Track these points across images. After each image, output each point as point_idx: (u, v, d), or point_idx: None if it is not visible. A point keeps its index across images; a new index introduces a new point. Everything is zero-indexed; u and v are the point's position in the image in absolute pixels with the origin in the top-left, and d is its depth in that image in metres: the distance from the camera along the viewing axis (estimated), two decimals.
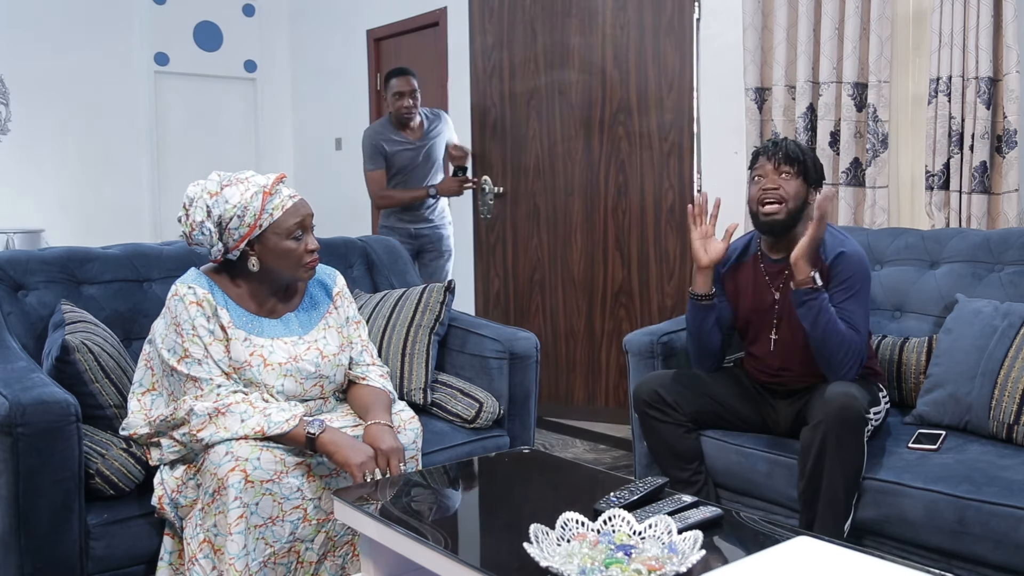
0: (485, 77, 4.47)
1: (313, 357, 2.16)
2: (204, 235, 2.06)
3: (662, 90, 3.99)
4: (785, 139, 2.47)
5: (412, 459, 2.20)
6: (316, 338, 2.20)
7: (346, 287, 2.36)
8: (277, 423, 1.99)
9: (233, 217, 2.04)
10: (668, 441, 2.48)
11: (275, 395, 2.10)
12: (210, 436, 1.98)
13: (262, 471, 1.94)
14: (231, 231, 2.05)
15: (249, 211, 2.05)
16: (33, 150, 5.78)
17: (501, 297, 4.52)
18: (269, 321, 2.16)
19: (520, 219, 4.41)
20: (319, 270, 2.29)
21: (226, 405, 2.00)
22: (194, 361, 2.04)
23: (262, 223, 2.06)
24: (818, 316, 2.25)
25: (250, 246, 2.08)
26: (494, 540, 1.71)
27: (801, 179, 2.39)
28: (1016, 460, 2.13)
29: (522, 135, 4.38)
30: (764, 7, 3.47)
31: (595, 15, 4.14)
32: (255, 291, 2.16)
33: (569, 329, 4.33)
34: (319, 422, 2.01)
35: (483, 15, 4.44)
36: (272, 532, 1.95)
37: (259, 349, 2.10)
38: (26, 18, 5.74)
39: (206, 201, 2.06)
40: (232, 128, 6.60)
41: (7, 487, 1.90)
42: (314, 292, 2.28)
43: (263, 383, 2.09)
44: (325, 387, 2.20)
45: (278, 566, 1.97)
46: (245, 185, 2.07)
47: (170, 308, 2.08)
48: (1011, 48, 2.84)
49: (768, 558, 1.48)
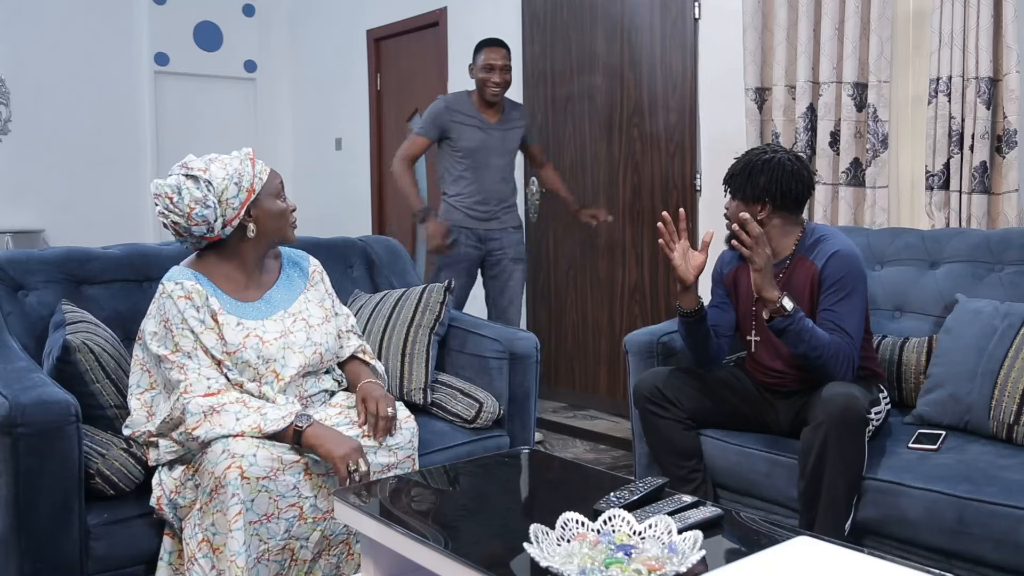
0: (533, 83, 4.66)
1: (301, 327, 2.23)
2: (205, 214, 2.08)
3: (668, 91, 4.03)
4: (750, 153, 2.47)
5: (408, 459, 2.21)
6: (299, 310, 2.27)
7: (322, 268, 2.42)
8: (273, 420, 2.02)
9: (229, 186, 2.10)
10: (667, 437, 2.48)
11: (279, 372, 2.14)
12: (205, 433, 1.99)
13: (258, 468, 1.94)
14: (228, 202, 2.11)
15: (245, 177, 2.13)
16: (33, 150, 5.78)
17: (545, 292, 4.72)
18: (254, 304, 2.21)
19: (559, 218, 4.55)
20: (292, 252, 2.38)
21: (220, 404, 2.02)
22: (184, 355, 2.06)
23: (256, 187, 2.14)
24: (798, 338, 2.26)
25: (247, 213, 2.15)
26: (494, 540, 1.71)
27: (739, 199, 2.42)
28: (1016, 460, 2.13)
29: (560, 137, 4.56)
30: (764, 7, 3.47)
31: (616, 21, 4.24)
32: (242, 266, 2.20)
33: (595, 323, 4.46)
34: (307, 417, 2.06)
35: (532, 26, 4.64)
36: (267, 529, 1.95)
37: (253, 331, 2.15)
38: (26, 18, 5.75)
39: (192, 185, 2.08)
40: (232, 128, 6.60)
41: (7, 487, 1.90)
42: (289, 271, 2.34)
43: (268, 359, 2.13)
44: (324, 354, 2.25)
45: (271, 563, 1.97)
46: (226, 159, 2.14)
47: (158, 306, 2.11)
48: (1011, 48, 2.84)
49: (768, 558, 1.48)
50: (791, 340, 2.28)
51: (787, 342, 2.31)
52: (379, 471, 2.13)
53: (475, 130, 3.83)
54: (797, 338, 2.26)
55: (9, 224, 5.60)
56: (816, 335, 2.26)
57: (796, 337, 2.26)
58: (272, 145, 6.70)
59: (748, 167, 2.42)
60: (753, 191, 2.40)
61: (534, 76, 4.64)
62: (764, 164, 2.40)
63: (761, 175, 2.39)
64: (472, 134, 3.82)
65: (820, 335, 2.27)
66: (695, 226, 3.95)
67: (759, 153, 2.44)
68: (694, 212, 3.95)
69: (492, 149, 3.86)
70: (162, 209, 2.10)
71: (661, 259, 4.11)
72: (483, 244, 3.90)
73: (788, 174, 2.39)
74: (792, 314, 2.25)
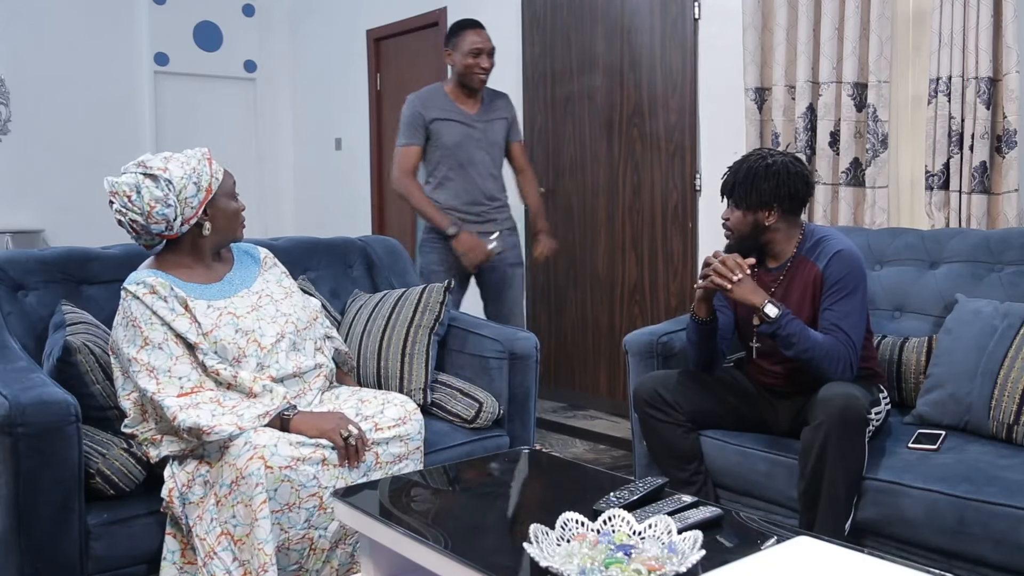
0: (533, 83, 4.65)
1: (267, 302, 2.30)
2: (166, 213, 2.11)
3: (668, 91, 4.03)
4: (744, 161, 2.44)
5: (417, 450, 2.25)
6: (260, 289, 2.33)
7: (273, 256, 2.48)
8: (250, 418, 2.04)
9: (188, 185, 2.13)
10: (668, 441, 2.48)
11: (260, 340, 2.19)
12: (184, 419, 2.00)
13: (280, 458, 1.98)
14: (188, 201, 2.14)
15: (203, 176, 2.16)
16: (33, 150, 5.78)
17: (545, 289, 4.70)
18: (217, 286, 2.26)
19: (559, 216, 4.55)
20: (242, 244, 2.43)
21: (196, 403, 2.04)
22: (154, 347, 2.08)
23: (213, 187, 2.18)
24: (788, 341, 2.26)
25: (204, 212, 2.19)
26: (494, 540, 1.71)
27: (739, 209, 2.41)
28: (1016, 460, 2.13)
29: (560, 137, 4.55)
30: (764, 7, 3.47)
31: (616, 21, 4.24)
32: (199, 259, 2.25)
33: (595, 323, 4.46)
34: (292, 408, 2.13)
35: (532, 27, 4.64)
36: (288, 519, 1.98)
37: (224, 309, 2.20)
38: (26, 18, 5.75)
39: (152, 184, 2.09)
40: (232, 128, 6.60)
41: (7, 487, 1.90)
42: (241, 258, 2.39)
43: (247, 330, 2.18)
44: (297, 324, 2.30)
45: (291, 551, 2.01)
46: (183, 158, 2.17)
47: (123, 310, 2.13)
48: (1011, 48, 2.84)
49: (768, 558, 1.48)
50: (781, 343, 2.29)
51: (782, 347, 2.31)
52: (391, 461, 2.18)
53: (454, 124, 3.50)
54: (787, 341, 2.27)
55: (9, 224, 5.59)
56: (808, 336, 2.26)
57: (786, 340, 2.27)
58: (272, 145, 6.71)
59: (751, 174, 2.38)
60: (760, 197, 2.38)
61: (534, 76, 4.65)
62: (767, 169, 2.38)
63: (765, 180, 2.37)
64: (452, 129, 3.49)
65: (812, 336, 2.27)
66: (695, 226, 3.95)
67: (757, 159, 2.42)
68: (694, 212, 3.95)
69: (475, 143, 3.53)
70: (119, 207, 2.12)
71: (661, 259, 4.11)
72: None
73: (793, 176, 2.38)
74: (777, 319, 2.25)
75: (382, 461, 2.16)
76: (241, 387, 2.11)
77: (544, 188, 4.45)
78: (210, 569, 1.97)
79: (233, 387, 2.11)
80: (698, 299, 2.46)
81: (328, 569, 2.08)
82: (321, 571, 2.07)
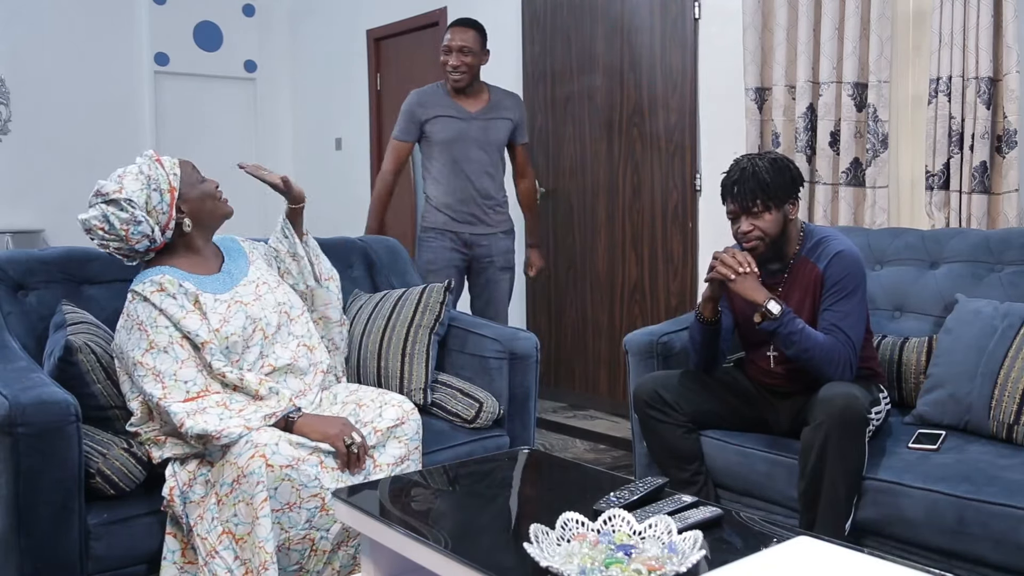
0: (533, 83, 4.65)
1: (266, 291, 2.31)
2: (140, 230, 2.12)
3: (668, 91, 4.03)
4: (742, 171, 2.37)
5: (416, 450, 2.25)
6: (256, 277, 2.34)
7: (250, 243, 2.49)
8: (256, 420, 2.04)
9: (151, 195, 2.14)
10: (668, 441, 2.48)
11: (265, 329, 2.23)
12: (191, 426, 2.00)
13: (281, 456, 1.98)
14: (157, 209, 2.15)
15: (161, 180, 2.16)
16: (33, 150, 5.78)
17: (545, 292, 4.70)
18: (218, 277, 2.27)
19: (559, 216, 4.56)
20: (221, 239, 2.41)
21: (202, 408, 2.03)
22: (159, 350, 2.07)
23: (175, 183, 2.18)
24: (788, 339, 2.26)
25: (178, 211, 2.19)
26: (494, 540, 1.71)
27: (772, 210, 2.36)
28: (1016, 460, 2.13)
29: (560, 137, 4.55)
30: (764, 7, 3.47)
31: (616, 21, 4.23)
32: (194, 254, 2.26)
33: (595, 323, 4.46)
34: (297, 409, 2.13)
35: (532, 26, 4.64)
36: (288, 518, 1.98)
37: (231, 300, 2.22)
38: (26, 18, 5.75)
39: (116, 209, 2.10)
40: (232, 128, 6.60)
41: (7, 487, 1.90)
42: (227, 251, 2.39)
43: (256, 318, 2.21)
44: (290, 312, 2.33)
45: (292, 552, 2.00)
46: (134, 170, 2.16)
47: (127, 313, 2.14)
48: (1011, 48, 2.84)
49: (768, 558, 1.48)
50: (782, 342, 2.29)
51: (779, 344, 2.31)
52: (392, 463, 2.18)
53: (450, 120, 3.47)
54: (788, 340, 2.27)
55: (9, 224, 5.59)
56: (808, 336, 2.26)
57: (786, 339, 2.27)
58: (272, 145, 6.70)
59: (756, 179, 2.34)
60: (779, 191, 2.35)
61: (534, 76, 4.64)
62: (772, 165, 2.37)
63: (779, 174, 2.35)
64: (447, 125, 3.47)
65: (812, 336, 2.27)
66: (695, 226, 3.95)
67: (748, 165, 2.37)
68: (694, 212, 3.95)
69: (471, 140, 3.49)
70: (99, 242, 2.15)
71: (661, 259, 4.11)
72: (469, 249, 3.56)
73: (785, 163, 2.39)
74: (779, 317, 2.25)
75: (381, 464, 2.16)
76: (247, 389, 2.11)
77: (544, 188, 4.45)
78: (212, 568, 1.97)
79: (239, 389, 2.12)
80: (705, 298, 2.46)
81: (330, 571, 2.08)
82: (322, 572, 2.07)
